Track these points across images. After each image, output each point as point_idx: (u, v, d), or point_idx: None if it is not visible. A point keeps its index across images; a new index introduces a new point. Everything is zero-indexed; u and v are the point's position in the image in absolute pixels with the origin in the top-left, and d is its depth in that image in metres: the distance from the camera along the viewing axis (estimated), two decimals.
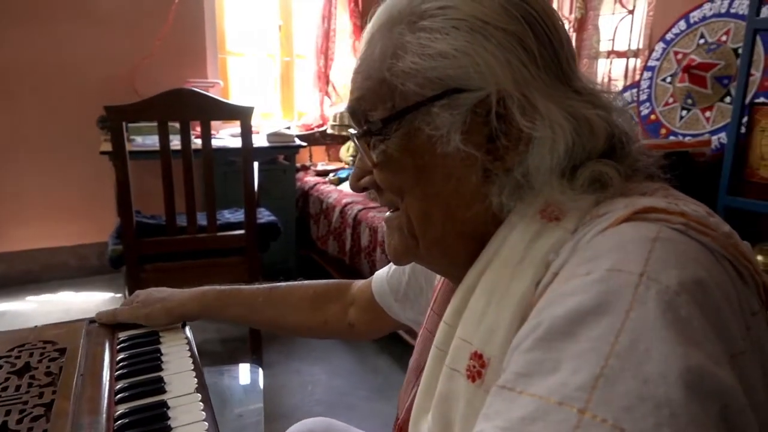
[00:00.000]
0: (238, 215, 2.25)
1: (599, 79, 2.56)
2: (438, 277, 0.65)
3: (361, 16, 3.32)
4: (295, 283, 0.91)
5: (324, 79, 3.36)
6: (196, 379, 0.72)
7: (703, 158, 1.83)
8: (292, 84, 3.42)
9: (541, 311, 0.36)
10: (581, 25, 2.56)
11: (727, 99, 1.86)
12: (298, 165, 3.10)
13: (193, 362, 0.77)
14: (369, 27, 0.51)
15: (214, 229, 1.96)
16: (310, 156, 3.40)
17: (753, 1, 1.46)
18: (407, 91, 0.46)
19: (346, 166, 3.22)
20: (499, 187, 0.46)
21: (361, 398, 1.99)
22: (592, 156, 0.44)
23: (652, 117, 2.11)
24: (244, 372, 1.25)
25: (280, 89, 3.39)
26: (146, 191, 2.26)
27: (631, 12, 2.38)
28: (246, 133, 1.89)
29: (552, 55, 0.45)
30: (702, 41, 1.96)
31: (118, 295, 2.76)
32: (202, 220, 1.97)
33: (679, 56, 2.03)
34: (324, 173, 3.16)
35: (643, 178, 0.47)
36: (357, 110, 0.50)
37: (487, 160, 0.45)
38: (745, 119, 1.61)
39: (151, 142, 2.43)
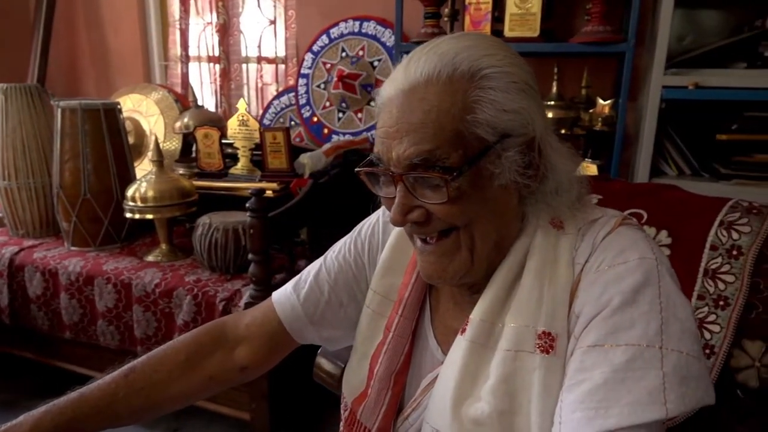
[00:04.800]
0: None
1: (253, 83, 2.72)
2: (393, 291, 0.72)
3: None
4: (153, 353, 0.76)
5: None
6: None
7: (366, 151, 2.25)
8: None
9: (605, 291, 0.53)
10: (226, 30, 2.64)
11: (372, 103, 2.31)
12: None
13: None
14: (417, 81, 0.55)
15: None
16: None
17: (397, 31, 1.90)
18: (478, 138, 0.54)
19: None
20: (530, 206, 0.60)
21: None
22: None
23: (314, 119, 2.42)
24: None
25: None
26: None
27: (273, 22, 2.60)
28: None
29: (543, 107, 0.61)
30: (344, 54, 2.35)
31: None
32: None
33: (328, 66, 2.38)
34: None
35: None
36: (429, 159, 0.54)
37: (523, 187, 0.58)
38: None
39: None
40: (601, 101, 1.80)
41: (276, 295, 0.80)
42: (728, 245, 0.97)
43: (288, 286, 0.80)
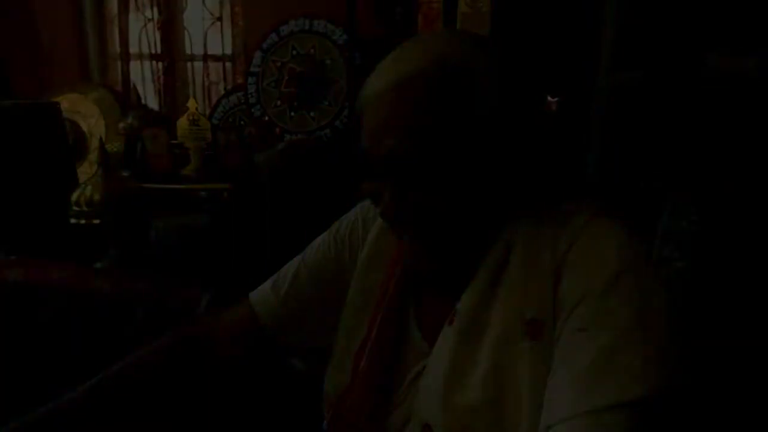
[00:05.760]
0: None
1: (199, 82, 2.64)
2: (375, 286, 0.72)
3: None
4: (125, 363, 0.72)
5: None
6: None
7: (321, 149, 2.23)
8: None
9: (588, 276, 0.55)
10: (168, 26, 2.55)
11: (325, 102, 2.30)
12: None
13: None
14: (400, 78, 0.56)
15: None
16: None
17: (349, 30, 1.90)
18: (464, 131, 0.55)
19: None
20: (512, 197, 0.61)
21: None
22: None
23: (266, 118, 2.38)
24: None
25: None
26: None
27: (219, 19, 2.53)
28: None
29: None
30: (295, 52, 2.32)
31: None
32: None
33: (278, 64, 2.34)
34: None
35: None
36: (416, 153, 0.55)
37: (507, 178, 0.59)
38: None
39: None
40: (548, 99, 1.86)
41: (254, 295, 0.78)
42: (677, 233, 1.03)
43: (266, 286, 0.78)
